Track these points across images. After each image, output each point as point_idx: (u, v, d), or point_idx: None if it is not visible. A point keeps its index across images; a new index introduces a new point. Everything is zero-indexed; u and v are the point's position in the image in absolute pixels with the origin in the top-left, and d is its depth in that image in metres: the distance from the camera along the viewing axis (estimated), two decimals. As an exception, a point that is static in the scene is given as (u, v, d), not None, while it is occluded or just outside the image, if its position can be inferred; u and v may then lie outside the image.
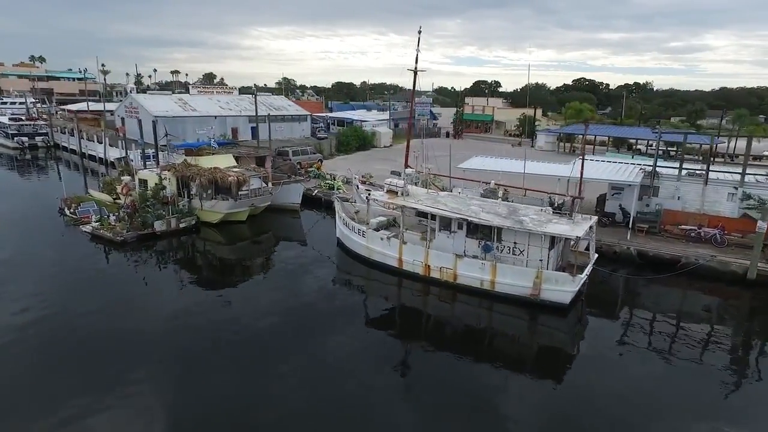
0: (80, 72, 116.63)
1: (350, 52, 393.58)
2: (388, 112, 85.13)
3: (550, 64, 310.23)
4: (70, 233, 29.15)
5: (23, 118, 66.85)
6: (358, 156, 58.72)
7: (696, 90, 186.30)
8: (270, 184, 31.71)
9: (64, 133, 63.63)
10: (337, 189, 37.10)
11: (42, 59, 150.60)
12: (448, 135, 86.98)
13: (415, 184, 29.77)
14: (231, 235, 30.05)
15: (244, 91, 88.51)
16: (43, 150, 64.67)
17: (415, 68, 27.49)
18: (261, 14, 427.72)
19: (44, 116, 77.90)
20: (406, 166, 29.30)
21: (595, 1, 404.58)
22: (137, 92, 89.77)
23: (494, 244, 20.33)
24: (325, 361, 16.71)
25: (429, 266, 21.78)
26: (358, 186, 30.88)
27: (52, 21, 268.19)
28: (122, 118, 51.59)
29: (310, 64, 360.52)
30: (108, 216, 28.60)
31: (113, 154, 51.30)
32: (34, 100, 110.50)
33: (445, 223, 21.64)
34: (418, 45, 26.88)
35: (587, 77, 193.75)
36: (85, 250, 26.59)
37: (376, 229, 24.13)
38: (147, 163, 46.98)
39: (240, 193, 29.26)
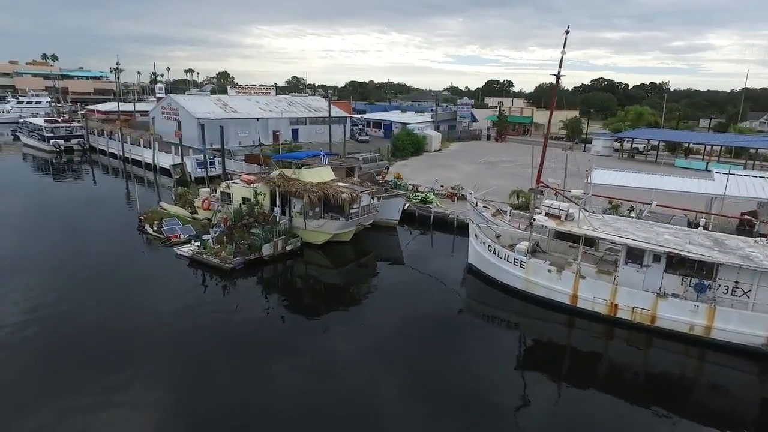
0: (112, 71, 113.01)
1: (352, 50, 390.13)
2: (429, 114, 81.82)
3: (552, 64, 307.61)
4: (157, 255, 25.95)
5: (59, 120, 63.44)
6: (415, 161, 55.48)
7: (708, 90, 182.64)
8: (376, 200, 28.57)
9: (102, 135, 60.31)
10: (431, 202, 34.04)
11: (54, 57, 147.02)
12: (489, 138, 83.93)
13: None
14: (336, 257, 26.93)
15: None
16: (78, 153, 61.28)
17: (558, 72, 24.34)
18: (262, 12, 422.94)
19: (67, 116, 74.55)
20: (539, 182, 26.16)
21: (597, 1, 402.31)
22: (160, 93, 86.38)
23: (708, 283, 17.30)
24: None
25: (616, 305, 18.74)
26: (476, 203, 27.75)
27: (51, 18, 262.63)
28: (179, 122, 48.37)
29: (313, 62, 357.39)
30: (207, 237, 25.38)
31: (164, 159, 48.05)
32: (50, 99, 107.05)
33: (634, 256, 18.60)
34: (564, 46, 23.71)
35: (605, 77, 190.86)
36: (185, 276, 23.47)
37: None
38: (202, 169, 44.19)
39: (350, 210, 26.14)
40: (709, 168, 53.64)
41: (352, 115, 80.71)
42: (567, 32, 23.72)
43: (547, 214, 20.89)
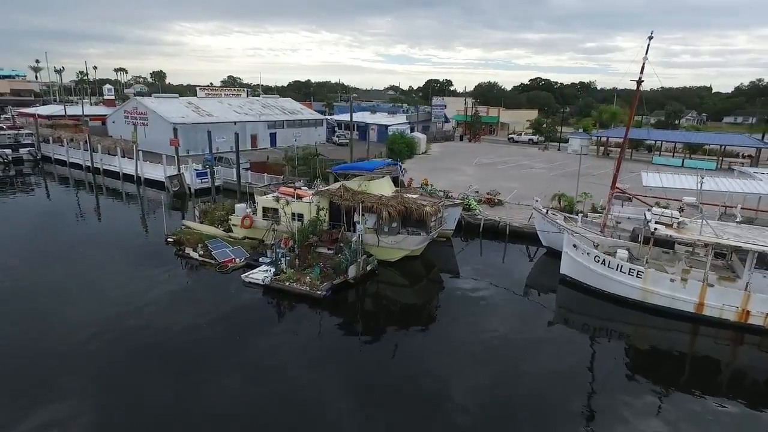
0: (57, 70, 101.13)
1: (280, 49, 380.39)
2: (404, 115, 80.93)
3: (479, 63, 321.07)
4: (217, 283, 22.79)
5: (3, 126, 55.30)
6: (411, 164, 54.08)
7: (622, 88, 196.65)
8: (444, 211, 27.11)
9: (59, 143, 53.48)
10: (474, 209, 33.08)
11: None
12: (461, 138, 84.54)
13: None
14: (410, 274, 25.17)
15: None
16: (29, 164, 53.90)
17: (639, 78, 24.31)
18: (184, 8, 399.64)
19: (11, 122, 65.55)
20: (614, 188, 26.08)
21: (517, 2, 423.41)
22: (109, 94, 78.53)
23: None
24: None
25: (748, 312, 18.83)
26: (546, 211, 27.21)
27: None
28: (175, 128, 43.44)
29: (239, 61, 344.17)
30: (281, 260, 22.66)
31: (149, 170, 43.22)
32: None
33: (763, 262, 18.81)
34: (646, 53, 23.69)
35: (533, 76, 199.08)
36: (270, 308, 20.81)
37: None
38: (203, 180, 40.48)
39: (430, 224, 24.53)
40: (685, 164, 57.44)
41: (329, 117, 78.00)
42: (650, 38, 23.73)
43: (657, 222, 20.65)
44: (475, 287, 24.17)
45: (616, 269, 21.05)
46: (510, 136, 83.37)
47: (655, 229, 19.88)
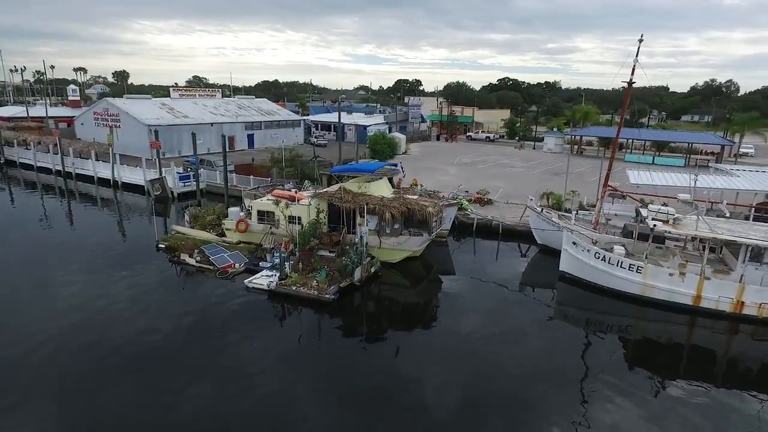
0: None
1: (245, 48, 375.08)
2: (381, 115, 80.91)
3: (445, 63, 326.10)
4: (218, 289, 22.16)
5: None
6: (394, 165, 54.26)
7: (586, 88, 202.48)
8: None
9: (25, 146, 50.98)
10: (466, 209, 33.42)
11: None
12: (438, 138, 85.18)
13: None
14: (411, 275, 25.18)
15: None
16: (-9, 169, 51.18)
17: (630, 80, 25.13)
18: (143, 6, 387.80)
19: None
20: (606, 185, 26.83)
21: (481, 3, 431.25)
22: (74, 95, 75.33)
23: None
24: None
25: (742, 303, 19.75)
26: (541, 209, 27.75)
27: None
28: (155, 131, 41.93)
29: (203, 60, 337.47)
30: (285, 265, 22.27)
31: (129, 174, 41.70)
32: None
33: (756, 254, 19.78)
34: (637, 54, 24.53)
35: (501, 77, 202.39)
36: (280, 314, 20.43)
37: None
38: (186, 183, 39.51)
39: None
40: (655, 162, 59.77)
41: (306, 117, 77.18)
42: (640, 41, 24.56)
43: (653, 219, 21.41)
44: (475, 286, 24.47)
45: (617, 265, 21.68)
46: (468, 134, 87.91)
47: (655, 225, 20.59)
